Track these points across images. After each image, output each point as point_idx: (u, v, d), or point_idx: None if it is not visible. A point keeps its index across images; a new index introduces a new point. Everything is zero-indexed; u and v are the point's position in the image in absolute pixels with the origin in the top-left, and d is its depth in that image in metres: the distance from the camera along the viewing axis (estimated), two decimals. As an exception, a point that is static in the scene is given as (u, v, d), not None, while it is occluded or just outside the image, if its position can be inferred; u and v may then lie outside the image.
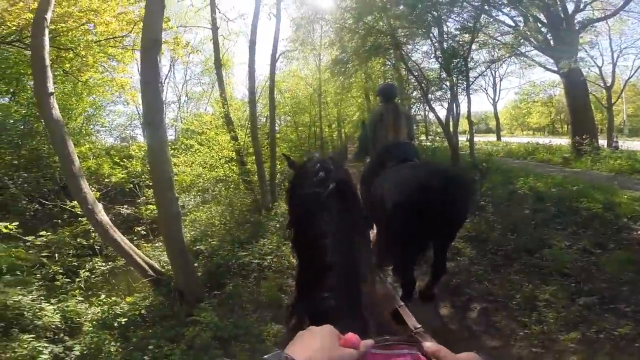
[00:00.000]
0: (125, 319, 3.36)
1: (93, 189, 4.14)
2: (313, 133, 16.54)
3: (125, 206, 6.67)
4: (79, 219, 5.12)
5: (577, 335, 2.66)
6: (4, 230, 3.75)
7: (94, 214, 3.42)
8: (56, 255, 4.56)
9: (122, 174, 6.95)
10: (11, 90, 8.82)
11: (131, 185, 6.72)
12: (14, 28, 7.00)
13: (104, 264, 4.57)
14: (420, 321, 1.02)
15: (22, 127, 8.44)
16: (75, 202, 4.32)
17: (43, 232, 4.66)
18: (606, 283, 3.33)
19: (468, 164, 9.49)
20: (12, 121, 8.37)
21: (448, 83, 9.04)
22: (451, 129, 9.87)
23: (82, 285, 4.22)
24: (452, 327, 3.09)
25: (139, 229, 5.64)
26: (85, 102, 11.02)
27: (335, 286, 0.80)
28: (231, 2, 28.54)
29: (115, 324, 3.26)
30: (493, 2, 8.10)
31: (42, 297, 3.32)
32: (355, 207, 1.03)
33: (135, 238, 5.53)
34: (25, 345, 2.68)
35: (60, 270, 4.10)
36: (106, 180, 7.07)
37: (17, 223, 4.08)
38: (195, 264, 4.54)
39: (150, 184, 5.80)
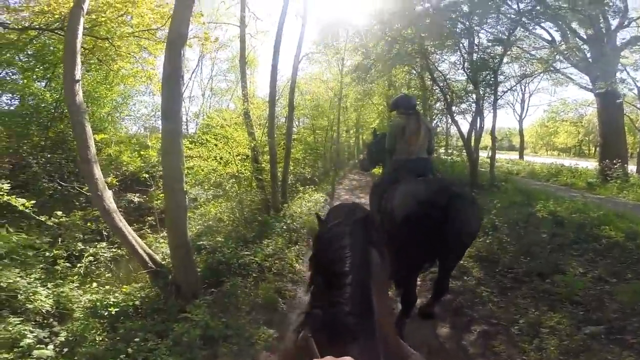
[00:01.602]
0: (117, 309, 3.33)
1: (111, 174, 4.26)
2: (330, 137, 16.52)
3: (137, 194, 6.81)
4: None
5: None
6: (20, 208, 3.90)
7: (102, 201, 3.50)
8: (59, 239, 4.65)
9: (139, 162, 7.11)
10: (47, 75, 9.26)
11: (146, 175, 6.86)
12: (57, 16, 7.33)
13: (107, 251, 4.63)
14: (416, 339, 1.07)
15: (53, 110, 8.82)
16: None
17: (59, 213, 4.75)
18: (616, 313, 3.16)
19: (487, 182, 9.24)
20: (44, 105, 8.77)
21: (474, 96, 8.82)
22: (472, 144, 9.65)
23: (81, 271, 4.22)
24: (448, 348, 2.98)
25: (149, 218, 5.75)
26: (115, 90, 11.42)
27: (352, 305, 0.80)
28: (260, 1, 28.62)
29: (106, 313, 3.25)
30: (531, 15, 7.78)
31: (40, 281, 3.34)
32: (377, 244, 1.06)
33: (143, 227, 5.64)
34: (10, 328, 2.67)
35: (63, 254, 4.16)
36: (124, 168, 7.25)
37: (34, 201, 4.21)
38: (197, 259, 4.58)
39: (164, 174, 5.94)
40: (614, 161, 9.78)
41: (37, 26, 7.55)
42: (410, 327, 2.95)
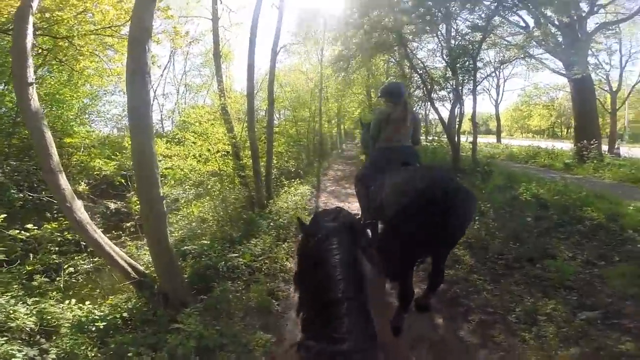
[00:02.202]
0: (105, 323, 3.18)
1: (82, 182, 3.95)
2: (312, 128, 16.31)
3: (114, 200, 6.44)
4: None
5: (576, 351, 2.55)
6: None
7: (72, 212, 3.22)
8: (30, 255, 4.33)
9: (113, 166, 6.72)
10: (4, 80, 8.58)
11: (121, 179, 6.48)
12: (6, 16, 6.75)
13: (86, 263, 4.36)
14: (415, 333, 1.03)
15: (14, 115, 8.20)
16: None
17: (29, 226, 4.44)
18: (610, 297, 3.21)
19: (469, 166, 9.35)
20: (4, 109, 8.15)
21: (453, 82, 8.83)
22: (453, 130, 9.72)
23: (61, 285, 4.03)
24: (447, 340, 2.95)
25: (128, 224, 5.44)
26: (82, 91, 10.79)
27: (346, 325, 0.76)
28: None
29: (94, 328, 3.09)
30: (507, 3, 7.84)
31: (17, 298, 3.14)
32: (363, 245, 1.02)
33: (123, 234, 5.33)
34: (-4, 347, 2.50)
35: (39, 269, 3.89)
36: (96, 173, 6.83)
37: (4, 215, 3.90)
38: (183, 264, 4.38)
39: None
40: (591, 142, 10.09)
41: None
42: (408, 320, 2.90)
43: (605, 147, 13.36)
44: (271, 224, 5.77)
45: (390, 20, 8.57)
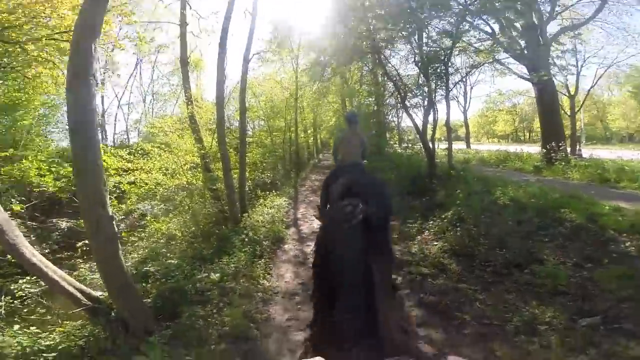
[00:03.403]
0: (55, 353, 2.72)
1: (15, 200, 3.38)
2: (288, 138, 15.99)
3: (66, 219, 5.77)
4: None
5: (586, 360, 2.38)
6: None
7: (4, 234, 2.70)
8: None
9: (61, 182, 6.00)
10: None
11: (68, 195, 5.80)
12: None
13: (32, 285, 3.73)
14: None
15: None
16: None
17: None
18: (606, 301, 3.10)
19: (445, 172, 9.35)
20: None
21: (426, 89, 8.87)
22: (428, 136, 9.72)
23: (2, 312, 3.51)
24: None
25: (80, 244, 4.77)
26: (38, 100, 9.91)
27: (354, 307, 0.82)
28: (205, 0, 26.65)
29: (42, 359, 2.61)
30: (473, 9, 8.01)
31: None
32: (381, 236, 1.11)
33: (74, 255, 4.70)
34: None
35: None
36: (46, 189, 6.08)
37: None
38: (148, 287, 3.90)
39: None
40: (559, 145, 10.45)
41: None
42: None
43: (568, 149, 13.98)
44: (246, 239, 5.35)
45: (363, 29, 8.52)
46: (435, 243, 5.07)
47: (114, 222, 2.85)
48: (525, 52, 10.66)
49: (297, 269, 4.78)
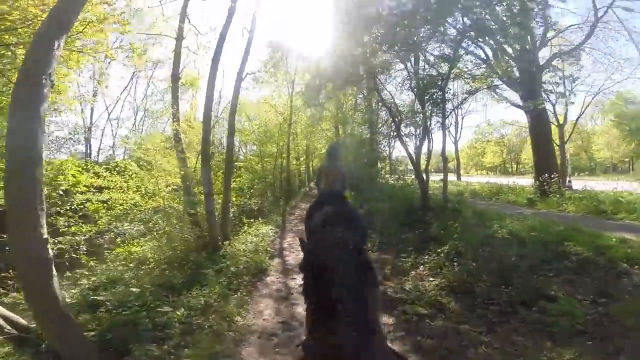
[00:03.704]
0: None
1: None
2: (279, 164, 15.69)
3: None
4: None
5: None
6: None
7: None
8: None
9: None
10: None
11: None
12: None
13: None
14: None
15: None
16: None
17: None
18: (629, 338, 2.72)
19: (439, 205, 8.99)
20: None
21: (421, 116, 8.73)
22: (422, 167, 9.48)
23: None
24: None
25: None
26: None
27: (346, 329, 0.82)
28: (204, 15, 25.18)
29: None
30: (469, 35, 8.07)
31: None
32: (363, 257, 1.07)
33: (5, 280, 4.04)
34: None
35: None
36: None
37: None
38: (97, 316, 3.34)
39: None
40: (552, 176, 10.29)
41: None
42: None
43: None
44: (223, 269, 4.84)
45: (359, 52, 8.49)
46: (432, 279, 4.63)
47: (48, 246, 2.39)
48: (519, 79, 10.77)
49: (278, 304, 4.23)
